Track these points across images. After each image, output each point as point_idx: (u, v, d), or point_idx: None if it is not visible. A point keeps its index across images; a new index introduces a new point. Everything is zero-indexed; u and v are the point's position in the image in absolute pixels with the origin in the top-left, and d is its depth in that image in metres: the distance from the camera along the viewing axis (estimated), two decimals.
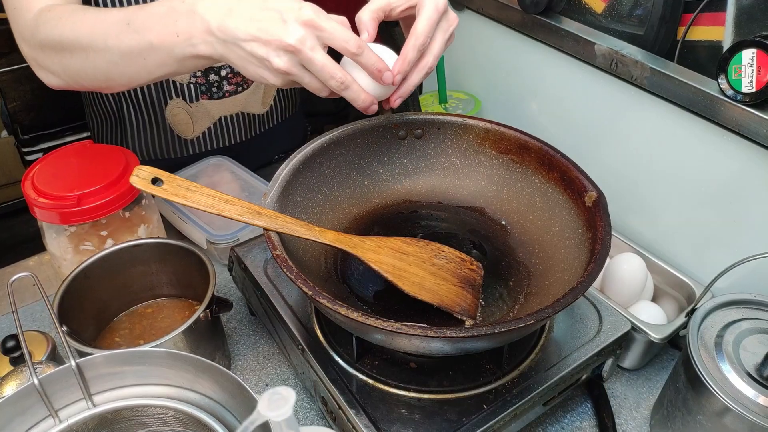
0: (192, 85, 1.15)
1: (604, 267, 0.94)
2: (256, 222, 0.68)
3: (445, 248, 0.78)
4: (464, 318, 0.74)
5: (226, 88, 1.18)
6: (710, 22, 0.88)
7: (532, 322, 0.61)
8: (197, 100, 1.17)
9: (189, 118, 1.18)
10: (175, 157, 1.24)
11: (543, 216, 0.84)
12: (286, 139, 1.39)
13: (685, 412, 0.75)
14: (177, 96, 1.16)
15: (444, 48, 0.78)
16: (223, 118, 1.22)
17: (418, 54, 0.75)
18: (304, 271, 0.67)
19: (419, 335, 0.59)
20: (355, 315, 0.60)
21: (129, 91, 1.15)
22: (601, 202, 0.75)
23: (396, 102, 0.79)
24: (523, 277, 0.81)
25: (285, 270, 0.65)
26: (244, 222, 0.68)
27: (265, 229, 0.69)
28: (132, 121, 1.19)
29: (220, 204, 0.67)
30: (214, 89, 1.17)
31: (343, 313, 0.61)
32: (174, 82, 1.14)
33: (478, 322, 0.75)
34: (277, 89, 1.29)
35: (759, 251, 0.74)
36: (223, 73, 1.16)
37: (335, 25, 0.69)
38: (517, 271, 0.82)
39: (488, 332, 0.60)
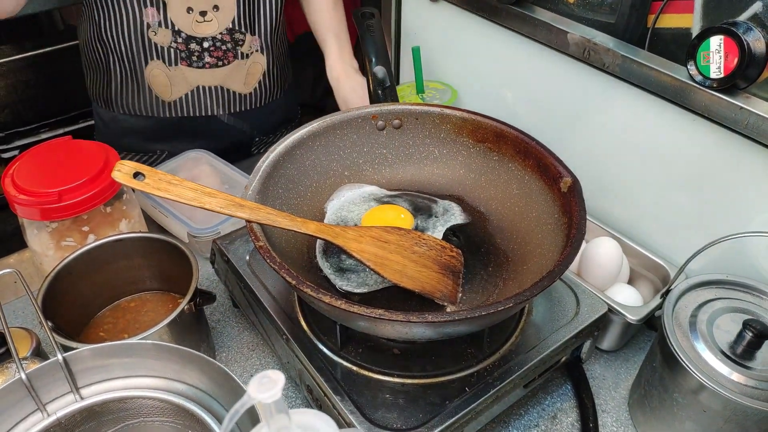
0: (172, 50, 1.18)
1: (581, 251, 0.96)
2: (238, 214, 0.69)
3: (426, 236, 0.79)
4: (445, 303, 0.75)
5: (207, 59, 1.21)
6: (679, 10, 0.89)
7: (511, 305, 0.62)
8: (176, 64, 1.20)
9: (168, 81, 1.21)
10: (155, 116, 1.27)
11: (520, 202, 0.86)
12: (270, 122, 1.41)
13: (661, 390, 0.77)
14: (157, 58, 1.18)
15: None
16: (201, 87, 1.24)
17: None
18: (287, 261, 0.68)
19: (402, 321, 0.60)
20: (338, 303, 0.61)
21: (114, 47, 1.18)
22: (576, 187, 0.76)
23: None
24: (501, 262, 0.83)
25: (268, 261, 0.66)
26: (227, 214, 0.69)
27: (248, 221, 0.70)
28: (117, 75, 1.23)
29: (202, 197, 0.68)
30: (194, 58, 1.20)
31: (326, 301, 0.62)
32: (155, 44, 1.17)
33: (458, 307, 0.77)
34: (263, 74, 1.31)
35: (730, 232, 0.76)
36: (205, 44, 1.19)
37: None
38: (496, 256, 0.84)
39: (468, 316, 0.61)
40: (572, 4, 1.02)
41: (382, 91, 0.97)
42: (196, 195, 0.68)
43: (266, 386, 0.33)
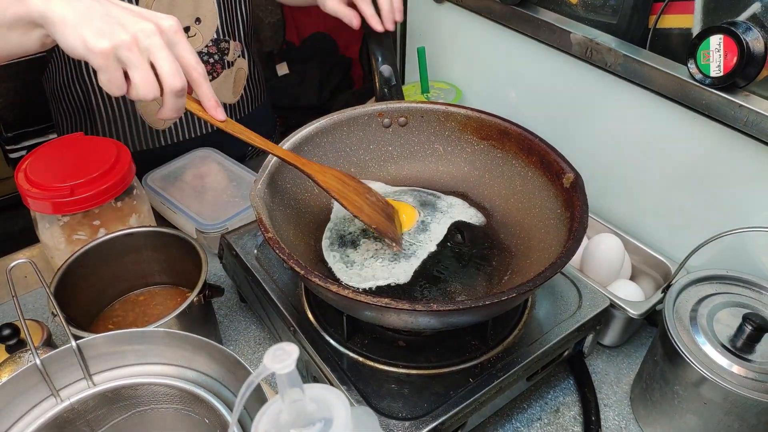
0: None
1: (584, 247, 0.98)
2: (217, 122, 0.73)
3: (373, 191, 0.85)
4: (393, 245, 0.82)
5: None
6: (680, 11, 0.91)
7: (514, 295, 0.63)
8: None
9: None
10: (148, 148, 1.25)
11: (523, 198, 0.87)
12: (257, 129, 1.40)
13: (662, 384, 0.78)
14: None
15: None
16: None
17: None
18: (295, 253, 0.69)
19: (407, 310, 0.62)
20: (345, 292, 0.63)
21: (99, 84, 1.15)
22: (578, 183, 0.78)
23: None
24: (505, 257, 0.84)
25: (277, 251, 0.67)
26: (206, 119, 0.73)
27: (223, 129, 0.74)
28: (102, 114, 1.19)
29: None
30: None
31: (334, 290, 0.63)
32: None
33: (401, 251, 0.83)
34: (247, 79, 1.31)
35: (730, 228, 0.78)
36: None
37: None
38: (500, 251, 0.85)
39: (473, 305, 0.62)
40: (575, 5, 1.03)
41: (389, 89, 0.98)
42: None
43: (280, 357, 0.34)
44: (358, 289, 0.79)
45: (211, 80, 1.21)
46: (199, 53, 1.17)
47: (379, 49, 0.99)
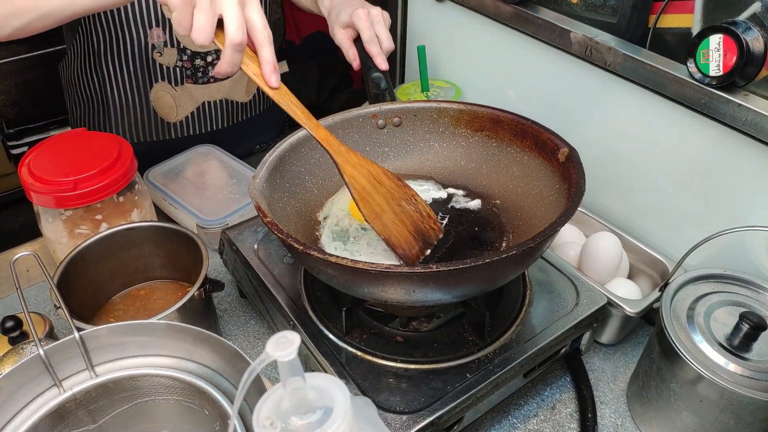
0: (178, 69, 1.18)
1: (581, 245, 0.98)
2: (268, 88, 0.73)
3: (420, 198, 0.82)
4: (402, 262, 0.77)
5: (212, 73, 1.21)
6: (680, 10, 0.91)
7: (515, 252, 0.63)
8: (182, 83, 1.20)
9: (173, 102, 1.21)
10: (158, 140, 1.26)
11: (522, 183, 0.88)
12: (266, 130, 1.42)
13: (659, 381, 0.79)
14: (163, 79, 1.19)
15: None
16: (206, 103, 1.25)
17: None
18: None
19: (407, 273, 0.62)
20: (345, 261, 0.62)
21: (115, 74, 1.18)
22: (573, 156, 0.78)
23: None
24: (508, 239, 0.85)
25: (276, 232, 0.67)
26: (260, 85, 0.73)
27: (272, 97, 0.74)
28: (116, 103, 1.21)
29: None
30: (200, 74, 1.20)
31: (333, 261, 0.63)
32: (161, 66, 1.17)
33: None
34: None
35: (728, 227, 0.78)
36: (209, 59, 1.19)
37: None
38: (502, 234, 0.86)
39: (473, 264, 0.61)
40: (575, 5, 1.04)
41: (380, 92, 0.99)
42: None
43: (283, 345, 0.35)
44: None
45: (225, 78, 1.23)
46: (216, 51, 1.19)
47: (370, 58, 1.01)
